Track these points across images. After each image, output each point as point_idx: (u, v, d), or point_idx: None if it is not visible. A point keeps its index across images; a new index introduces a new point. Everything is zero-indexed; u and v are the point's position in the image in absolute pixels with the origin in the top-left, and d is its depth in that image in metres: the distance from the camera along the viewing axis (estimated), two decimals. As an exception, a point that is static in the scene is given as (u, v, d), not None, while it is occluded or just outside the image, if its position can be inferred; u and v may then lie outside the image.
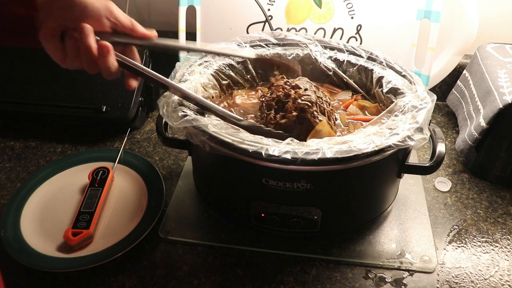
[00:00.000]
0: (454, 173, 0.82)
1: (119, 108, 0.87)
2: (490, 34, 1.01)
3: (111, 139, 0.90)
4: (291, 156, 0.52)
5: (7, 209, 0.70)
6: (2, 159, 0.85)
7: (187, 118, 0.58)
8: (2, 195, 0.76)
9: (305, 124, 0.62)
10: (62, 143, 0.89)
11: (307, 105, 0.62)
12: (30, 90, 0.90)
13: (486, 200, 0.77)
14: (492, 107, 0.75)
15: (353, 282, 0.62)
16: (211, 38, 0.95)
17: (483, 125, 0.77)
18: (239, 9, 0.93)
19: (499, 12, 0.98)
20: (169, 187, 0.77)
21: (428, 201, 0.75)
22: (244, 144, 0.54)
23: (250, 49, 0.77)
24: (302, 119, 0.62)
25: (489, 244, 0.68)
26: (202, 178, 0.73)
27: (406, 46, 0.91)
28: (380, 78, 0.73)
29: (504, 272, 0.64)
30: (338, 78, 0.79)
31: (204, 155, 0.66)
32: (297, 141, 0.57)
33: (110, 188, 0.74)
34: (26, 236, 0.67)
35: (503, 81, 0.78)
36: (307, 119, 0.62)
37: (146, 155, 0.85)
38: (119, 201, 0.73)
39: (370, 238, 0.68)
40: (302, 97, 0.63)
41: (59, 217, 0.70)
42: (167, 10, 1.08)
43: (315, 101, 0.63)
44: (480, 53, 0.88)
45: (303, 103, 0.63)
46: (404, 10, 0.89)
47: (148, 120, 0.96)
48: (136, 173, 0.78)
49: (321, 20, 0.93)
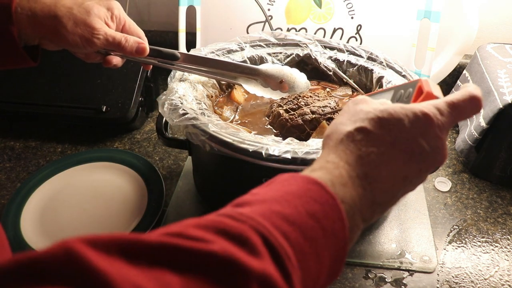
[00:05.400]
0: (454, 173, 0.82)
1: (119, 108, 0.87)
2: (490, 34, 1.01)
3: (111, 139, 0.90)
4: (291, 156, 0.52)
5: (7, 209, 0.70)
6: (2, 159, 0.85)
7: (187, 116, 0.58)
8: (2, 195, 0.76)
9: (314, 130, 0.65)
10: (62, 143, 0.89)
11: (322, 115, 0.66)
12: (30, 90, 0.90)
13: (486, 200, 0.77)
14: (492, 107, 0.75)
15: (353, 282, 0.62)
16: (211, 38, 0.95)
17: (483, 125, 0.77)
18: (239, 9, 0.93)
19: (499, 12, 0.98)
20: (169, 187, 0.76)
21: (428, 201, 0.75)
22: (244, 144, 0.54)
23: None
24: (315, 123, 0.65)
25: (489, 244, 0.68)
26: (202, 178, 0.73)
27: (406, 46, 0.91)
28: (380, 78, 0.73)
29: (504, 272, 0.64)
30: (338, 78, 0.79)
31: (204, 155, 0.66)
32: (297, 141, 0.57)
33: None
34: (26, 236, 0.67)
35: (503, 81, 0.78)
36: (322, 127, 0.65)
37: (146, 155, 0.85)
38: (119, 201, 0.73)
39: (370, 238, 0.68)
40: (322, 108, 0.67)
41: (59, 217, 0.70)
42: (167, 10, 1.08)
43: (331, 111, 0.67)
44: (480, 53, 0.88)
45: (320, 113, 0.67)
46: (404, 10, 0.89)
47: (148, 120, 0.96)
48: (136, 173, 0.78)
49: (321, 20, 0.93)
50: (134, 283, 0.23)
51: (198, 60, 0.66)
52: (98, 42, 0.55)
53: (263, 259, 0.27)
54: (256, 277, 0.26)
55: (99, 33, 0.55)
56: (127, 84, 0.89)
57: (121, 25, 0.60)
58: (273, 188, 0.34)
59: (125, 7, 1.04)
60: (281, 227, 0.30)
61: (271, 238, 0.29)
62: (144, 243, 0.26)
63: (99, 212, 0.71)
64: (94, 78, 0.90)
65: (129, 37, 0.58)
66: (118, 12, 0.59)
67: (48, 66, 0.91)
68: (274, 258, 0.28)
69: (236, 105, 0.74)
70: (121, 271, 0.23)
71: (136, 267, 0.24)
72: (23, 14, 0.51)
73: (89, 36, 0.54)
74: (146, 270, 0.24)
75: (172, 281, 0.24)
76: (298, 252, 0.30)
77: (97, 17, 0.55)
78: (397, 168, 0.36)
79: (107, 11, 0.57)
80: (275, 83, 0.71)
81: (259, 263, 0.27)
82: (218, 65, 0.68)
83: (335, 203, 0.33)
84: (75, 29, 0.53)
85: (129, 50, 0.58)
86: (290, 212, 0.31)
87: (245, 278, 0.26)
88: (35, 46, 0.56)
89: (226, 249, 0.26)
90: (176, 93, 0.64)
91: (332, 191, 0.33)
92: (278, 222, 0.30)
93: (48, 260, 0.23)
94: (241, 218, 0.29)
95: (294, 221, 0.31)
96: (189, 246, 0.26)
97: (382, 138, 0.36)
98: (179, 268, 0.25)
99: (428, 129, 0.36)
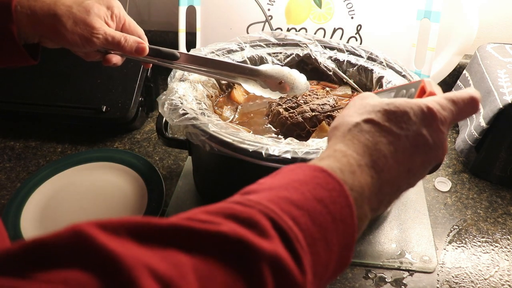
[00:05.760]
0: (454, 173, 0.82)
1: (119, 108, 0.87)
2: (490, 34, 1.01)
3: (111, 139, 0.90)
4: (291, 156, 0.52)
5: (7, 209, 0.70)
6: (2, 159, 0.85)
7: (187, 116, 0.58)
8: (2, 195, 0.76)
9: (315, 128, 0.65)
10: (62, 143, 0.89)
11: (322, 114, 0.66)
12: (30, 90, 0.90)
13: (486, 200, 0.77)
14: (492, 107, 0.75)
15: (353, 282, 0.62)
16: (211, 38, 0.95)
17: (483, 125, 0.77)
18: (239, 9, 0.93)
19: (499, 12, 0.98)
20: (169, 187, 0.76)
21: (428, 201, 0.75)
22: (244, 144, 0.54)
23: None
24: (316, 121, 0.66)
25: (489, 244, 0.68)
26: (202, 178, 0.73)
27: (406, 46, 0.91)
28: (380, 78, 0.73)
29: (504, 272, 0.64)
30: (338, 78, 0.79)
31: (204, 155, 0.66)
32: (297, 141, 0.57)
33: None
34: (26, 236, 0.67)
35: (503, 81, 0.78)
36: (323, 126, 0.65)
37: (146, 155, 0.85)
38: (119, 201, 0.73)
39: (370, 238, 0.68)
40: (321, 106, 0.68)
41: (59, 217, 0.70)
42: (167, 10, 1.08)
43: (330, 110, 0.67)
44: (480, 53, 0.88)
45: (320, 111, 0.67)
46: (404, 10, 0.89)
47: (148, 120, 0.96)
48: (136, 173, 0.78)
49: (321, 20, 0.93)
50: (145, 262, 0.22)
51: (197, 60, 0.66)
52: (98, 41, 0.55)
53: (273, 241, 0.27)
54: (267, 258, 0.26)
55: (99, 32, 0.55)
56: (127, 84, 0.89)
57: (121, 24, 0.60)
58: (280, 177, 0.34)
59: (125, 7, 1.03)
60: (290, 212, 0.30)
61: (281, 222, 0.29)
62: (154, 225, 0.25)
63: (99, 212, 0.71)
64: (94, 78, 0.90)
65: (129, 36, 0.58)
66: (118, 11, 0.58)
67: (48, 66, 0.91)
68: (284, 241, 0.28)
69: (236, 105, 0.74)
70: (131, 251, 0.23)
71: (146, 247, 0.24)
72: (23, 13, 0.51)
73: (88, 36, 0.54)
74: (157, 250, 0.24)
75: (183, 260, 0.24)
76: (307, 236, 0.30)
77: (97, 16, 0.55)
78: (403, 159, 0.37)
79: (107, 10, 0.57)
80: (275, 84, 0.71)
81: (270, 244, 0.27)
82: (217, 65, 0.68)
83: (343, 189, 0.33)
84: (75, 28, 0.53)
85: (129, 49, 0.58)
86: (298, 197, 0.31)
87: (256, 259, 0.26)
88: (36, 44, 0.56)
89: (236, 231, 0.26)
90: (176, 93, 0.64)
91: (339, 178, 0.33)
92: (287, 207, 0.30)
93: (57, 242, 0.22)
94: (250, 204, 0.29)
95: (302, 206, 0.31)
96: (199, 228, 0.26)
97: (389, 130, 0.37)
98: (190, 248, 0.25)
99: (431, 123, 0.37)
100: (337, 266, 0.33)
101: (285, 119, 0.66)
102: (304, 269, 0.28)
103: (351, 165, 0.35)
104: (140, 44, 0.59)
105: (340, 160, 0.35)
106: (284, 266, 0.27)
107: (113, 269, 0.22)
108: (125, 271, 0.21)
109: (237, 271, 0.25)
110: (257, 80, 0.70)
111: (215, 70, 0.68)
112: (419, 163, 0.37)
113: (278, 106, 0.69)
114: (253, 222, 0.28)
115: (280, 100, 0.71)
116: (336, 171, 0.34)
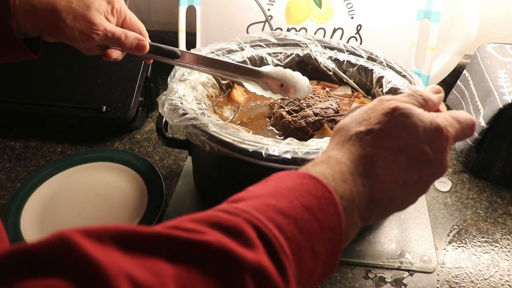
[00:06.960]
0: (454, 173, 0.82)
1: (119, 108, 0.87)
2: (490, 34, 1.01)
3: (111, 139, 0.90)
4: (291, 156, 0.52)
5: (7, 209, 0.70)
6: (2, 159, 0.85)
7: (187, 116, 0.58)
8: (2, 195, 0.76)
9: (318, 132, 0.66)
10: (62, 143, 0.89)
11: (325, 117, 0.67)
12: (30, 90, 0.90)
13: (486, 200, 0.77)
14: (492, 107, 0.75)
15: (353, 282, 0.62)
16: (211, 38, 0.95)
17: (483, 125, 0.77)
18: (239, 9, 0.93)
19: (499, 12, 0.98)
20: (169, 187, 0.76)
21: (428, 201, 0.75)
22: (244, 144, 0.54)
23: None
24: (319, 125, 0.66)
25: (489, 244, 0.68)
26: (202, 178, 0.73)
27: (406, 46, 0.91)
28: (380, 78, 0.73)
29: (504, 272, 0.64)
30: (338, 78, 0.79)
31: (204, 155, 0.66)
32: (297, 141, 0.57)
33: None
34: (26, 236, 0.67)
35: (503, 81, 0.78)
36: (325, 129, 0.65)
37: (146, 155, 0.85)
38: (119, 201, 0.73)
39: (370, 238, 0.68)
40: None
41: (59, 217, 0.70)
42: (167, 10, 1.08)
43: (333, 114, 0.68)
44: (480, 53, 0.88)
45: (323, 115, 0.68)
46: (404, 10, 0.89)
47: (148, 120, 0.96)
48: (136, 173, 0.78)
49: (321, 20, 0.93)
50: (126, 271, 0.23)
51: (199, 59, 0.66)
52: (97, 37, 0.54)
53: (257, 251, 0.27)
54: (250, 268, 0.26)
55: (99, 28, 0.54)
56: (127, 84, 0.89)
57: (122, 18, 0.59)
58: (268, 184, 0.34)
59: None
60: (276, 220, 0.30)
61: (266, 230, 0.29)
62: (138, 233, 0.26)
63: (99, 212, 0.71)
64: (94, 78, 0.90)
65: (129, 33, 0.57)
66: (119, 6, 0.57)
67: (48, 66, 0.91)
68: (268, 251, 0.28)
69: (236, 105, 0.74)
70: (113, 259, 0.23)
71: (129, 255, 0.24)
72: (22, 7, 0.50)
73: (88, 32, 0.53)
74: (139, 258, 0.24)
75: (165, 269, 0.24)
76: (293, 245, 0.30)
77: (97, 11, 0.54)
78: (399, 172, 0.36)
79: (107, 4, 0.55)
80: (276, 86, 0.70)
81: (253, 254, 0.27)
82: (219, 65, 0.68)
83: (332, 197, 0.33)
84: (74, 24, 0.52)
85: (129, 46, 0.57)
86: (285, 205, 0.31)
87: (239, 269, 0.26)
88: (36, 38, 0.55)
89: (220, 240, 0.26)
90: (176, 93, 0.64)
91: (329, 186, 0.33)
92: (273, 215, 0.30)
93: (42, 249, 0.23)
94: (235, 212, 0.29)
95: (289, 214, 0.31)
96: (183, 236, 0.26)
97: (389, 143, 0.37)
98: (172, 257, 0.25)
99: (437, 139, 0.37)
100: (322, 273, 0.33)
101: (288, 123, 0.66)
102: (287, 279, 0.28)
103: (343, 173, 0.35)
104: (141, 41, 0.58)
105: (333, 167, 0.35)
106: (267, 275, 0.27)
107: (93, 277, 0.22)
108: (105, 279, 0.22)
109: (219, 281, 0.25)
110: (258, 82, 0.70)
111: (216, 69, 0.68)
112: (416, 178, 0.37)
113: (281, 109, 0.69)
114: (237, 231, 0.28)
115: (282, 101, 0.71)
116: (328, 178, 0.34)
